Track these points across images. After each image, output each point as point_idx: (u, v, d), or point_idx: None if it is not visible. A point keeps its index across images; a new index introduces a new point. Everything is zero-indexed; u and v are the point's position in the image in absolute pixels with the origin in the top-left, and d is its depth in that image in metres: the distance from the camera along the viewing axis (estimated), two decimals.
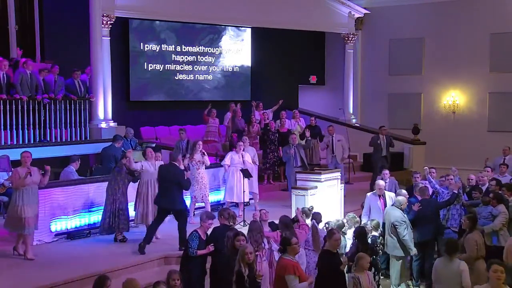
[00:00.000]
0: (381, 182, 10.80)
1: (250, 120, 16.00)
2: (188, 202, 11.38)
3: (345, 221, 9.79)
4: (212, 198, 12.65)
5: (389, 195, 10.68)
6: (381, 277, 9.76)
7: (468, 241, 8.78)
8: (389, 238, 9.68)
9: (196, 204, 11.98)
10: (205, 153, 11.99)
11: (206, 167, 12.09)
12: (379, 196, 10.58)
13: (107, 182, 10.37)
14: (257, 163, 13.24)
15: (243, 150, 12.68)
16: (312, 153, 15.60)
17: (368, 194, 10.84)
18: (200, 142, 12.16)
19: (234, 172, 12.30)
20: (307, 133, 15.12)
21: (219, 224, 8.27)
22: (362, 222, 10.07)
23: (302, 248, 8.42)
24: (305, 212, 9.57)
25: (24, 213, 8.94)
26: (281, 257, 7.28)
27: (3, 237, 10.21)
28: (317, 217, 9.18)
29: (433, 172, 11.82)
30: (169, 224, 11.62)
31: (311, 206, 9.89)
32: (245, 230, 8.55)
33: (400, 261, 9.74)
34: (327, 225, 9.47)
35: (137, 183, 10.50)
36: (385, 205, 10.43)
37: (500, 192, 10.57)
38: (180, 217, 9.97)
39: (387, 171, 12.06)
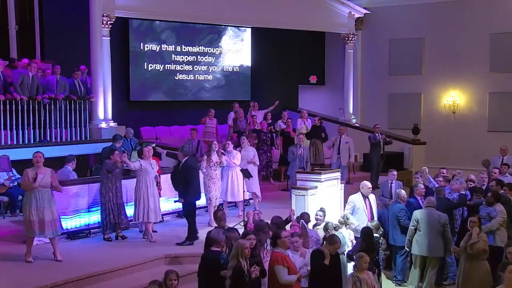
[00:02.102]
0: (368, 183, 10.58)
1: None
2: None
3: (338, 223, 9.74)
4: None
5: (372, 197, 10.55)
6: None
7: (482, 239, 8.75)
8: (432, 240, 9.47)
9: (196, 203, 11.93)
10: (223, 153, 11.84)
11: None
12: (365, 197, 10.37)
13: (99, 183, 10.35)
14: (257, 163, 13.16)
15: (241, 150, 12.54)
16: (316, 153, 15.62)
17: (353, 195, 10.53)
18: (216, 142, 12.04)
19: (228, 171, 12.11)
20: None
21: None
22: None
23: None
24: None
25: (32, 216, 8.87)
26: (273, 250, 7.44)
27: (3, 238, 10.24)
28: (305, 216, 9.15)
29: (443, 173, 11.91)
30: (169, 224, 11.65)
31: (322, 208, 9.80)
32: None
33: (439, 262, 9.70)
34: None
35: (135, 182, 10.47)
36: (370, 207, 10.33)
37: (501, 192, 10.57)
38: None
39: (394, 172, 12.03)
